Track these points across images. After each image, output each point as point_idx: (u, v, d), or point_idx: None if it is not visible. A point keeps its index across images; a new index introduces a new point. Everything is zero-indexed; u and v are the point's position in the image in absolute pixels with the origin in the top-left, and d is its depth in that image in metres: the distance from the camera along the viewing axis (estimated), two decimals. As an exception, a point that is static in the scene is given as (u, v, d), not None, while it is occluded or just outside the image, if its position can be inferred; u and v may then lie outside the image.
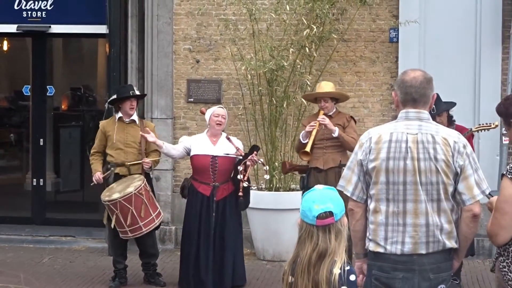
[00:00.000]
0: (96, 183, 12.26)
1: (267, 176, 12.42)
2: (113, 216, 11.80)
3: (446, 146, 6.46)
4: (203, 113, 12.44)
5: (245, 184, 11.72)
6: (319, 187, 5.56)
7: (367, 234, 6.64)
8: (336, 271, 5.13)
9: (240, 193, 11.73)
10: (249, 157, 11.74)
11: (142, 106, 13.90)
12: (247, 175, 11.82)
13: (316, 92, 12.76)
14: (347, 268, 5.15)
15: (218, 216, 11.99)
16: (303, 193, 12.31)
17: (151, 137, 11.83)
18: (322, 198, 5.33)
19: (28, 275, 10.29)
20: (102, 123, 12.74)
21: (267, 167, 12.31)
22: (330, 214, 5.19)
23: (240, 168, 11.67)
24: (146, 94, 13.34)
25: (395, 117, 6.83)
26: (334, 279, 5.11)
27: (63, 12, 16.19)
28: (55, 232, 15.93)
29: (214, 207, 11.93)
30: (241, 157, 11.84)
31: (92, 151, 12.60)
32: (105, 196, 11.84)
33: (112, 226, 11.90)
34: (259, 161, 11.97)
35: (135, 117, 12.40)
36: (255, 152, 11.89)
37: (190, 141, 12.21)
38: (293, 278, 5.19)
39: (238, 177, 11.65)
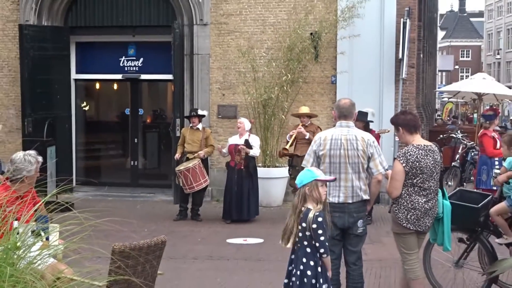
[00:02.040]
0: (176, 159, 12.72)
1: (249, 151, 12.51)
2: (180, 179, 12.23)
3: (363, 142, 6.61)
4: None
5: (237, 162, 12.23)
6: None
7: (319, 191, 6.69)
8: (311, 215, 5.30)
9: (242, 167, 12.25)
10: (238, 147, 12.14)
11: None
12: (236, 157, 12.26)
13: (300, 112, 13.02)
14: (317, 214, 5.31)
15: (238, 177, 12.27)
16: (289, 168, 13.08)
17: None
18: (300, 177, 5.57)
19: (128, 215, 10.22)
20: (182, 129, 13.35)
21: (246, 150, 12.29)
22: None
23: (236, 153, 12.22)
24: (205, 115, 13.19)
25: (334, 126, 6.87)
26: (309, 219, 5.29)
27: (147, 67, 16.17)
28: (143, 191, 15.91)
29: (236, 172, 12.20)
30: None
31: (178, 144, 12.90)
32: (177, 168, 12.36)
33: (180, 184, 12.34)
34: (243, 149, 12.13)
35: (199, 126, 12.64)
36: (242, 144, 12.20)
37: (231, 138, 12.70)
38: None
39: (236, 157, 12.25)
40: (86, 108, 17.33)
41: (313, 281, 5.34)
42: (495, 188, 11.26)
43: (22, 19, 15.49)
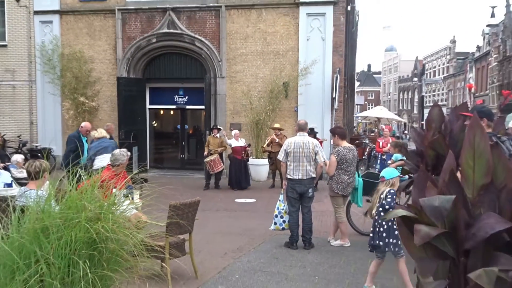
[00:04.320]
0: (205, 155, 12.26)
1: (250, 150, 12.68)
2: (207, 166, 12.01)
3: (312, 144, 6.63)
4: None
5: (246, 158, 12.16)
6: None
7: (287, 172, 6.61)
8: (387, 192, 4.84)
9: (245, 159, 12.19)
10: (245, 148, 12.06)
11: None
12: (244, 154, 12.18)
13: (274, 127, 12.78)
14: (392, 191, 4.82)
15: (242, 164, 12.22)
16: (268, 159, 12.80)
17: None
18: (385, 172, 5.05)
19: (178, 186, 10.12)
20: (208, 137, 12.86)
21: (250, 150, 12.43)
22: (383, 177, 4.98)
23: (243, 152, 12.07)
24: (221, 129, 13.07)
25: (295, 135, 6.85)
26: (387, 193, 4.83)
27: (190, 101, 16.09)
28: (187, 172, 15.65)
29: (241, 161, 12.20)
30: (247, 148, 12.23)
31: (205, 145, 12.54)
32: (205, 159, 12.05)
33: (207, 168, 12.09)
34: (249, 151, 12.22)
35: (218, 135, 12.40)
36: (248, 146, 12.21)
37: (231, 141, 12.33)
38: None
39: (243, 155, 12.09)
40: (155, 125, 17.28)
41: (384, 234, 4.83)
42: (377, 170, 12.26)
43: (118, 74, 15.45)
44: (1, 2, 16.26)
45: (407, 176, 7.29)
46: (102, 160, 8.05)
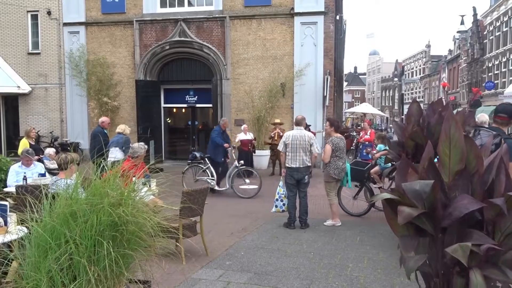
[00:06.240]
0: None
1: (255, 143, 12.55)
2: None
3: (308, 137, 6.56)
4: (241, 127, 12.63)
5: (252, 150, 12.02)
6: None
7: (286, 161, 6.56)
8: None
9: (251, 150, 12.02)
10: (252, 141, 11.84)
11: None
12: (251, 146, 11.99)
13: (275, 121, 12.79)
14: None
15: (248, 154, 11.99)
16: (270, 150, 12.72)
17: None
18: None
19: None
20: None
21: (255, 143, 12.29)
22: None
23: (250, 144, 11.85)
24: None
25: (293, 129, 6.78)
26: None
27: (200, 101, 15.88)
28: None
29: (248, 152, 12.00)
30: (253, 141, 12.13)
31: None
32: None
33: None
34: (253, 141, 11.95)
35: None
36: (254, 139, 11.91)
37: (239, 135, 12.19)
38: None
39: (250, 147, 11.87)
40: (169, 121, 17.18)
41: None
42: (366, 158, 12.05)
43: (136, 77, 15.36)
44: (35, 15, 16.26)
45: (390, 164, 7.30)
46: (112, 153, 8.35)
